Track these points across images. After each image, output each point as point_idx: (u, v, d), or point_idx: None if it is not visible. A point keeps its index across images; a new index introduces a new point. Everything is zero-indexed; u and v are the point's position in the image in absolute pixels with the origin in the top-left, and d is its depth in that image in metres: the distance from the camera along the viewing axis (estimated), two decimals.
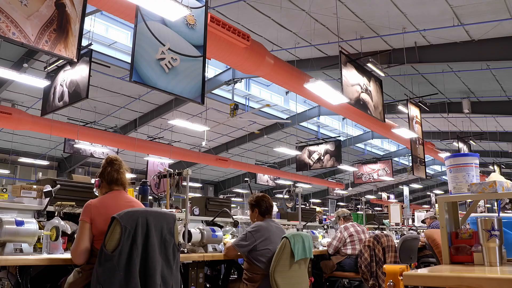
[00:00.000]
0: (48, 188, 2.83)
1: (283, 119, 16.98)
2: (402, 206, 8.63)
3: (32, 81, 7.98)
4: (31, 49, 4.50)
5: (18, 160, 17.58)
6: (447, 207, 1.96)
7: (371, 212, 7.39)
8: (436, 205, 30.50)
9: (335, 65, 9.15)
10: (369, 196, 30.39)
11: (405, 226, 7.95)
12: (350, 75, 8.57)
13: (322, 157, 15.79)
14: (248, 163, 20.39)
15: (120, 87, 13.07)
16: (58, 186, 2.81)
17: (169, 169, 3.85)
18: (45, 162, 17.46)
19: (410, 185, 27.66)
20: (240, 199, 27.94)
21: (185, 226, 3.08)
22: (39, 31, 4.48)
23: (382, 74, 10.08)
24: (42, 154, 18.67)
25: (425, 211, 9.26)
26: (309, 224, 5.21)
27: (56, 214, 2.84)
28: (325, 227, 5.55)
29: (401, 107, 12.36)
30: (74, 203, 2.88)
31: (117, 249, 2.21)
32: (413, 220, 9.21)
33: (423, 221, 7.67)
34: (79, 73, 7.74)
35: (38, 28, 4.47)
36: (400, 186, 28.30)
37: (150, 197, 3.95)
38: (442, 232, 1.84)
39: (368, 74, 9.34)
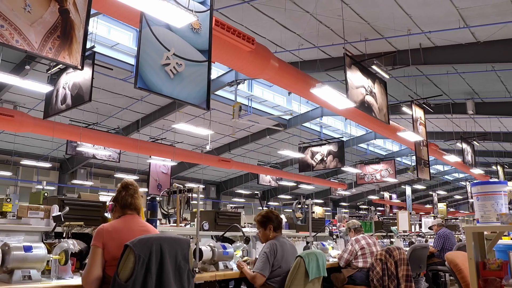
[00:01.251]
0: (56, 212, 2.75)
1: (286, 119, 16.91)
2: (410, 213, 8.55)
3: (35, 86, 7.89)
4: (34, 56, 4.44)
5: (21, 162, 17.52)
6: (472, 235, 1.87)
7: (377, 219, 7.31)
8: (439, 205, 30.44)
9: (340, 67, 9.06)
10: (371, 197, 30.33)
11: (413, 232, 7.88)
12: (354, 77, 8.49)
13: (325, 158, 15.70)
14: (251, 163, 20.32)
15: (122, 89, 13.00)
16: (67, 208, 2.72)
17: (179, 185, 3.76)
18: (47, 165, 17.39)
19: (412, 184, 27.59)
20: (243, 200, 27.88)
21: (196, 244, 3.00)
22: (43, 38, 4.40)
23: (387, 76, 10.00)
24: (44, 155, 18.61)
25: (432, 217, 9.20)
26: (318, 235, 5.13)
27: (64, 235, 2.76)
28: (334, 237, 5.46)
29: (405, 109, 12.27)
30: (82, 223, 2.80)
31: (131, 279, 2.13)
32: (420, 226, 9.15)
33: (430, 228, 7.59)
34: (81, 75, 7.65)
35: (42, 35, 4.38)
36: (402, 186, 28.23)
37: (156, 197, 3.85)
38: (470, 264, 1.76)
39: (373, 76, 9.25)
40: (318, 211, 29.81)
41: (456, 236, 8.30)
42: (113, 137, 14.08)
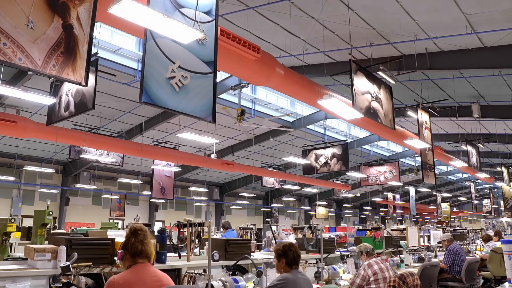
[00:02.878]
0: (63, 256, 2.66)
1: (289, 122, 16.82)
2: (419, 228, 8.44)
3: (38, 99, 7.81)
4: (38, 73, 4.33)
5: (24, 168, 17.47)
6: None
7: (384, 227, 7.19)
8: (443, 205, 30.38)
9: (345, 72, 8.96)
10: (375, 198, 30.24)
11: (422, 246, 7.77)
12: (360, 83, 8.38)
13: (329, 161, 15.58)
14: (254, 165, 20.23)
15: (126, 92, 12.93)
16: (75, 256, 2.63)
17: (189, 218, 3.67)
18: (50, 170, 17.35)
19: (415, 185, 27.50)
20: (246, 202, 27.85)
21: (208, 281, 2.91)
22: (46, 55, 4.30)
23: (392, 82, 9.88)
24: (47, 159, 18.57)
25: (440, 230, 9.10)
26: (328, 256, 5.01)
27: (72, 277, 2.67)
28: (344, 257, 5.36)
29: (410, 113, 12.17)
30: (91, 263, 2.71)
31: None
32: (429, 238, 9.04)
33: (439, 242, 7.49)
34: None
35: (45, 52, 4.28)
36: (406, 187, 28.12)
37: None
38: None
39: (378, 82, 9.13)
40: (321, 212, 29.79)
41: (464, 247, 8.23)
42: (116, 141, 13.98)
